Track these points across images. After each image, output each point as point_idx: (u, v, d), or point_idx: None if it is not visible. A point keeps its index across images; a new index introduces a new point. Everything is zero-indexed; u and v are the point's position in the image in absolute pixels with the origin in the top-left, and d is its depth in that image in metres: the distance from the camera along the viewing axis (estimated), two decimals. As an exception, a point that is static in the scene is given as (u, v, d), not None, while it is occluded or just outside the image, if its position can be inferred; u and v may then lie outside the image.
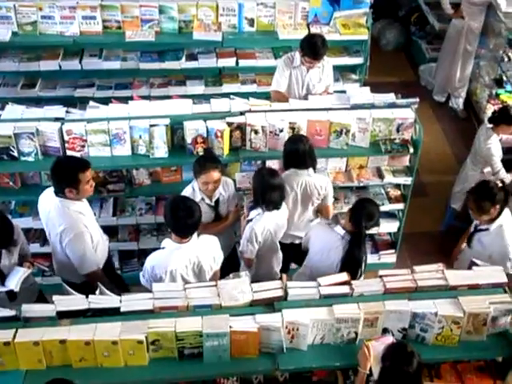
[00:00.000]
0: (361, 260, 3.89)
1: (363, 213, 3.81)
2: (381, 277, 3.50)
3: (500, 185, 4.12)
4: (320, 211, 4.54)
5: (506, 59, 6.45)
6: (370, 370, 3.11)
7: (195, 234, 3.64)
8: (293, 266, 4.78)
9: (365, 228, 3.82)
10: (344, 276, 3.50)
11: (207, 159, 4.10)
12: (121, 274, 4.84)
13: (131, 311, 3.19)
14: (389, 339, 3.14)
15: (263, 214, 4.05)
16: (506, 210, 4.13)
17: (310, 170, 4.29)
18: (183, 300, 3.26)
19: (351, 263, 3.85)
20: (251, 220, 4.08)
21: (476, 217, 4.16)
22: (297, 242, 4.54)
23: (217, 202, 4.24)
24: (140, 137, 4.36)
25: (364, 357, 3.11)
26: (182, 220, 3.52)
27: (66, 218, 3.80)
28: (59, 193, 3.82)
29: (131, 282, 4.37)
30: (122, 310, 3.19)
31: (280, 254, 4.38)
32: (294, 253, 4.52)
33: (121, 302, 3.23)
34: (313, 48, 4.86)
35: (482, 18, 6.57)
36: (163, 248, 3.67)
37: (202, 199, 4.12)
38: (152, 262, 3.65)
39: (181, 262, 3.62)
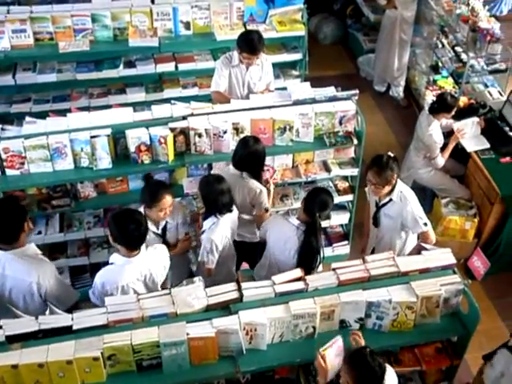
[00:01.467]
0: (318, 249, 3.94)
1: (316, 202, 3.88)
2: (334, 269, 3.52)
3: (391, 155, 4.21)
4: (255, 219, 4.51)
5: (439, 46, 6.61)
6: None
7: (143, 246, 3.59)
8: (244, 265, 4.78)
9: (319, 217, 3.87)
10: (298, 272, 3.51)
11: (158, 186, 4.01)
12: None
13: (84, 328, 3.11)
14: (338, 340, 3.09)
15: (218, 221, 4.01)
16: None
17: (245, 173, 4.26)
18: (137, 311, 3.20)
19: (308, 253, 3.92)
20: (205, 231, 4.05)
21: (378, 192, 4.19)
22: (237, 239, 4.47)
23: (164, 229, 4.15)
24: (82, 149, 4.26)
25: (321, 368, 3.02)
26: (131, 233, 3.45)
27: (31, 265, 3.53)
28: (12, 242, 3.52)
29: (84, 297, 4.26)
30: (74, 327, 3.11)
31: (235, 254, 4.38)
32: (244, 251, 4.54)
33: (72, 319, 3.15)
34: (250, 43, 4.86)
35: (415, 7, 6.70)
36: (112, 263, 3.59)
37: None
38: (102, 278, 3.56)
39: (132, 277, 3.55)
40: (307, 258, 3.91)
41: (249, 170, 4.26)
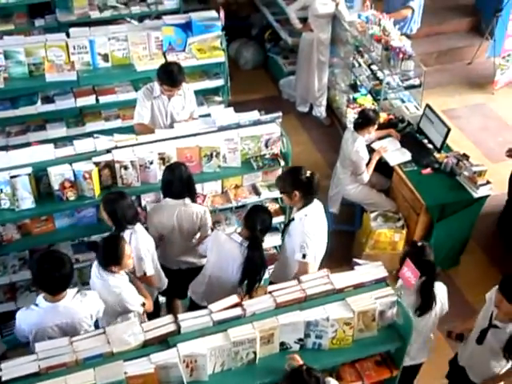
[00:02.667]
0: (262, 264, 4.05)
1: (257, 218, 3.99)
2: (270, 292, 3.52)
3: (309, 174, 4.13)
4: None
5: (356, 65, 6.81)
6: None
7: (72, 291, 3.47)
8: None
9: (260, 232, 3.99)
10: (234, 298, 3.48)
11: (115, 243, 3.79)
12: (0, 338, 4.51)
13: (14, 378, 2.96)
14: None
15: (135, 230, 4.00)
16: (317, 204, 4.22)
17: (187, 199, 4.27)
18: (70, 355, 3.07)
19: (252, 268, 4.02)
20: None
21: (284, 200, 4.29)
22: (184, 267, 4.52)
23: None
24: (1, 190, 4.10)
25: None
26: (48, 273, 3.30)
27: None
28: None
29: (13, 345, 4.07)
30: (3, 379, 2.95)
31: None
32: (184, 279, 4.50)
33: (0, 370, 2.99)
34: (170, 76, 4.85)
35: (330, 29, 6.90)
36: (36, 305, 3.45)
37: None
38: (20, 316, 3.44)
39: (50, 322, 3.41)
40: (251, 274, 4.05)
41: (188, 195, 4.27)
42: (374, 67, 6.53)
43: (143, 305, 3.89)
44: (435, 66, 8.04)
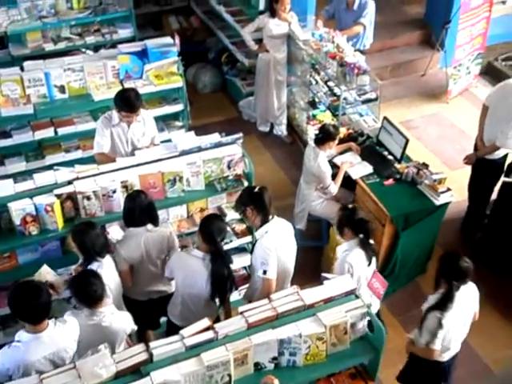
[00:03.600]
0: (229, 274, 4.12)
1: (213, 229, 4.01)
2: (241, 313, 3.51)
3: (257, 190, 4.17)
4: None
5: (314, 82, 6.92)
6: None
7: (52, 321, 3.42)
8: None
9: (220, 242, 4.05)
10: (206, 322, 3.46)
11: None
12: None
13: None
14: None
15: (102, 264, 3.95)
16: (280, 222, 4.28)
17: (149, 225, 4.25)
18: (41, 393, 3.01)
19: (220, 280, 4.06)
20: None
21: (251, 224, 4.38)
22: (155, 297, 4.48)
23: None
24: (-39, 229, 4.03)
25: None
26: (27, 303, 3.26)
27: None
28: None
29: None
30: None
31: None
32: (156, 309, 4.47)
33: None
34: (127, 102, 4.85)
35: (285, 49, 7.00)
36: (18, 341, 3.37)
37: None
38: (3, 356, 3.34)
39: (38, 354, 3.35)
40: (220, 285, 4.08)
41: (151, 221, 4.25)
42: (330, 83, 6.65)
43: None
44: (390, 79, 8.22)
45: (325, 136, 5.47)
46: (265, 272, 4.11)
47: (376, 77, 6.49)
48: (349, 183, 5.74)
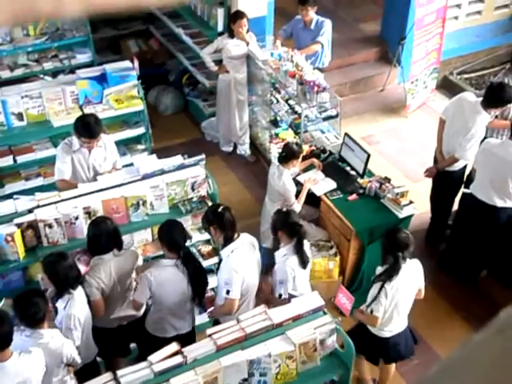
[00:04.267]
0: (203, 270, 4.28)
1: (174, 233, 4.06)
2: (210, 335, 3.49)
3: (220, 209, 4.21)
4: None
5: (275, 101, 6.98)
6: None
7: (16, 352, 3.34)
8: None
9: (184, 244, 4.13)
10: (174, 346, 3.43)
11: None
12: None
13: None
14: None
15: (73, 296, 3.88)
16: (247, 240, 4.30)
17: (115, 250, 4.20)
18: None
19: (198, 279, 4.18)
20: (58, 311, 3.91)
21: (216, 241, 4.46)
22: (124, 322, 4.42)
23: None
24: None
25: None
26: None
27: None
28: None
29: None
30: None
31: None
32: (126, 335, 4.42)
33: None
34: (87, 128, 4.80)
35: (245, 69, 7.05)
36: None
37: None
38: None
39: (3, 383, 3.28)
40: (200, 284, 4.21)
41: (116, 246, 4.21)
42: (291, 102, 6.72)
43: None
44: (350, 96, 8.34)
45: (288, 154, 5.50)
46: (228, 292, 4.11)
47: (336, 94, 6.58)
48: (313, 200, 5.78)
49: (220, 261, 4.35)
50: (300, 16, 7.11)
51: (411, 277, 4.32)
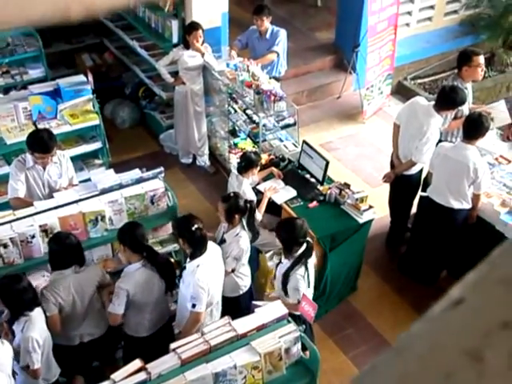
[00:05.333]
0: (169, 262, 4.40)
1: (136, 234, 4.09)
2: (174, 350, 3.44)
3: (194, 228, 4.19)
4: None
5: (232, 111, 6.98)
6: None
7: None
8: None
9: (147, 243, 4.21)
10: (137, 363, 3.37)
11: None
12: None
13: None
14: None
15: (30, 317, 3.79)
16: (213, 251, 4.30)
17: (76, 267, 4.12)
18: None
19: (166, 271, 4.25)
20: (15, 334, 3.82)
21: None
22: (86, 340, 4.33)
23: None
24: None
25: None
26: None
27: None
28: None
29: None
30: None
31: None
32: (87, 353, 4.35)
33: None
34: (40, 143, 4.71)
35: (201, 80, 7.04)
36: None
37: None
38: None
39: None
40: (170, 276, 4.29)
41: (77, 262, 4.13)
42: (249, 112, 6.73)
43: None
44: (307, 104, 8.42)
45: (247, 164, 5.51)
46: (194, 306, 4.08)
47: (293, 102, 6.62)
48: (274, 208, 5.79)
49: (182, 269, 4.32)
50: (255, 26, 7.15)
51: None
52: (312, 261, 4.56)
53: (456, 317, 0.42)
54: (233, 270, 4.70)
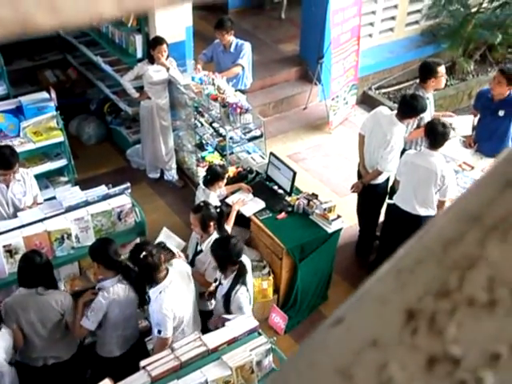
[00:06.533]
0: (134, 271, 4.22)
1: (109, 251, 4.07)
2: (144, 367, 3.40)
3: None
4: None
5: (199, 125, 6.98)
6: None
7: None
8: None
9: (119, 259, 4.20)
10: (107, 382, 3.32)
11: None
12: None
13: None
14: None
15: None
16: (178, 268, 4.26)
17: (40, 288, 4.05)
18: None
19: (140, 284, 4.21)
20: None
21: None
22: (50, 362, 4.24)
23: None
24: None
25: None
26: None
27: None
28: None
29: None
30: None
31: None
32: (49, 377, 4.24)
33: None
34: (2, 159, 4.66)
35: (167, 94, 7.02)
36: None
37: None
38: None
39: None
40: (143, 289, 4.23)
41: (43, 283, 4.05)
42: (215, 125, 6.73)
43: None
44: (274, 115, 8.47)
45: (212, 176, 5.50)
46: (159, 332, 4.01)
47: (259, 114, 6.65)
48: (243, 221, 5.78)
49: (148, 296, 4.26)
50: (219, 40, 7.18)
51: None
52: (250, 277, 4.55)
53: (333, 336, 0.43)
54: (215, 281, 4.65)
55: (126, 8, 0.42)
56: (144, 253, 3.99)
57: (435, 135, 5.16)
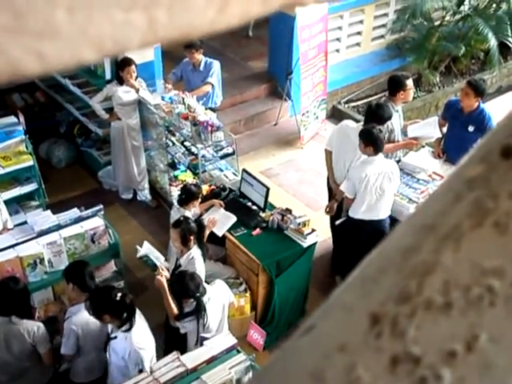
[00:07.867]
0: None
1: (84, 273, 4.06)
2: (122, 391, 3.36)
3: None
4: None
5: (170, 144, 6.98)
6: None
7: None
8: None
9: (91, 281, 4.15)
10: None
11: None
12: None
13: None
14: None
15: None
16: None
17: (13, 317, 3.96)
18: None
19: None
20: None
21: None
22: None
23: None
24: None
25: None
26: None
27: None
28: None
29: None
30: None
31: None
32: None
33: None
34: None
35: (137, 115, 7.01)
36: None
37: None
38: None
39: None
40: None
41: (17, 312, 3.95)
42: (187, 143, 6.74)
43: None
44: (245, 132, 8.50)
45: (187, 196, 5.50)
46: (141, 371, 3.76)
47: (231, 131, 6.67)
48: (218, 238, 5.77)
49: (108, 339, 4.03)
50: (188, 58, 7.21)
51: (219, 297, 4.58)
52: (214, 310, 4.43)
53: (305, 342, 0.46)
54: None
55: (108, 52, 0.43)
56: (120, 294, 3.83)
57: (375, 141, 5.26)
